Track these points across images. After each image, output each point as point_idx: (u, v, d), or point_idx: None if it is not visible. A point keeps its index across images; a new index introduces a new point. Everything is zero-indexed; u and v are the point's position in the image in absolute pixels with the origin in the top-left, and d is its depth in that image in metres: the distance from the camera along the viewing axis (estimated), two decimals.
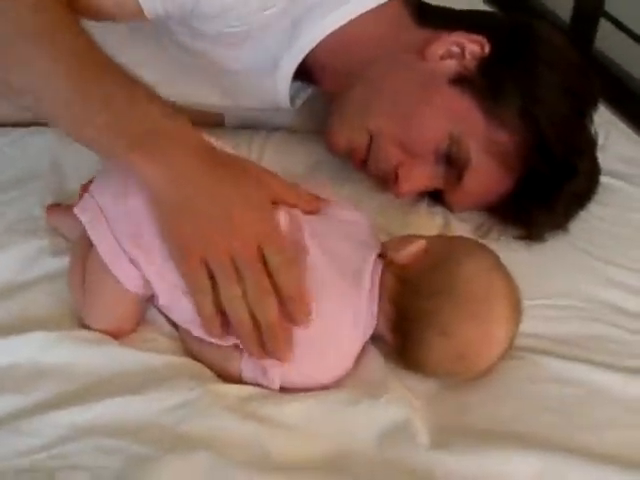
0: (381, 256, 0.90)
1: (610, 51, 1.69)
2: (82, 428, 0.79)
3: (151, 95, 0.85)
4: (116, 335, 0.88)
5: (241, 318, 0.81)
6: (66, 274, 0.93)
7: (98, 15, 0.94)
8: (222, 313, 0.82)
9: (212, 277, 0.81)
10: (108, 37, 0.88)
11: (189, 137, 0.84)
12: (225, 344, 0.85)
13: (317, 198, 0.95)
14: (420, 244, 0.89)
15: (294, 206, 0.91)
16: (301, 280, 0.84)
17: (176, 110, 0.85)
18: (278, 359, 0.83)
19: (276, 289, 0.82)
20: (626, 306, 1.02)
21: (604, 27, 1.71)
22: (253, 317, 0.81)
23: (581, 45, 1.62)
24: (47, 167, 1.11)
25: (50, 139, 1.13)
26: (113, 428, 0.79)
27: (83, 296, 0.89)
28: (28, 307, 0.91)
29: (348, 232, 0.93)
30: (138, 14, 0.95)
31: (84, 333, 0.88)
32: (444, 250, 0.89)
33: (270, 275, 0.82)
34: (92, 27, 0.88)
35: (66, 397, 0.81)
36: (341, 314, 0.86)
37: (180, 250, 0.82)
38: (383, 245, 0.92)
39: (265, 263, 0.82)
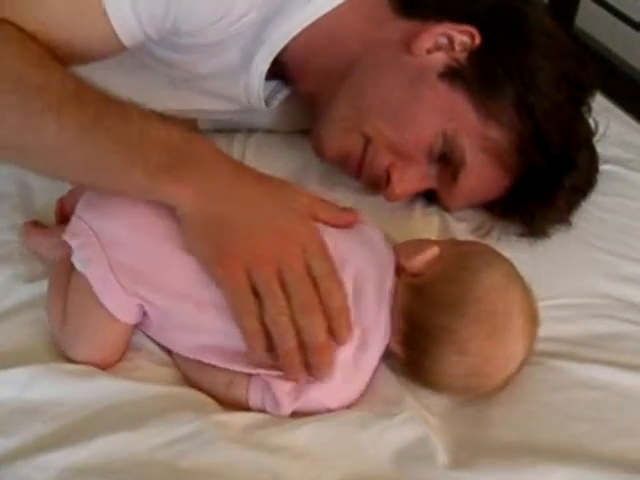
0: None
1: (591, 29, 1.69)
2: (74, 470, 0.75)
3: (169, 129, 0.83)
4: (102, 366, 0.86)
5: (286, 337, 0.79)
6: (45, 301, 0.90)
7: (79, 59, 0.91)
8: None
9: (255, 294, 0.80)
10: None
11: (214, 154, 0.84)
12: (251, 371, 0.82)
13: (349, 211, 0.94)
14: (433, 251, 0.88)
15: (327, 220, 0.89)
16: (346, 297, 0.83)
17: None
18: (320, 379, 0.81)
19: (322, 302, 0.80)
20: None
21: (584, 5, 1.71)
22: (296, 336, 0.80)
23: (562, 24, 1.61)
24: (15, 188, 1.08)
25: None
26: (109, 469, 0.76)
27: (63, 325, 0.86)
28: (5, 339, 0.87)
29: (363, 240, 0.91)
30: (118, 47, 0.92)
31: (69, 365, 0.85)
32: (457, 258, 0.88)
33: (317, 288, 0.80)
34: None
35: (54, 437, 0.78)
36: (362, 332, 0.84)
37: (224, 265, 0.80)
38: (393, 251, 0.90)
39: (312, 276, 0.81)
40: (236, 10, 0.95)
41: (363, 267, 0.87)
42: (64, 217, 0.97)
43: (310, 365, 0.80)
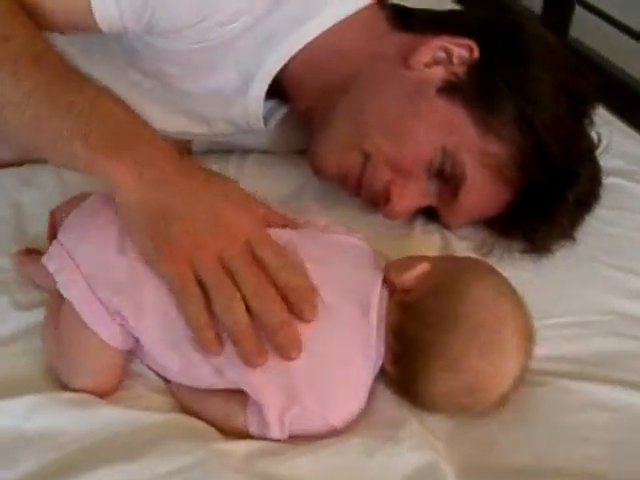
0: (384, 280, 0.88)
1: (586, 38, 1.69)
2: None
3: (116, 102, 0.84)
4: (99, 394, 0.85)
5: (240, 323, 0.78)
6: (41, 329, 0.89)
7: (54, 25, 0.92)
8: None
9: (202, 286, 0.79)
10: None
11: (162, 141, 0.84)
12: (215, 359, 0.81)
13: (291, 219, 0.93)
14: (423, 267, 0.87)
15: (277, 224, 0.89)
16: (304, 271, 0.82)
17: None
18: (289, 359, 0.79)
19: (276, 284, 0.79)
20: None
21: (578, 14, 1.71)
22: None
23: (556, 34, 1.61)
24: (8, 211, 1.08)
25: (9, 182, 1.11)
26: None
27: (59, 353, 0.86)
28: (2, 369, 0.86)
29: (349, 257, 0.91)
30: (92, 25, 0.93)
31: (67, 395, 0.84)
32: (448, 273, 0.87)
33: (265, 273, 0.80)
34: None
35: (54, 468, 0.77)
36: (349, 345, 0.84)
37: (166, 258, 0.79)
38: (384, 269, 0.89)
39: (258, 263, 0.80)
40: (221, 13, 0.95)
41: (343, 280, 0.86)
42: (55, 231, 0.96)
43: (277, 346, 0.79)
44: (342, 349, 0.83)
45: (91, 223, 0.87)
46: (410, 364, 0.84)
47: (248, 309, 0.78)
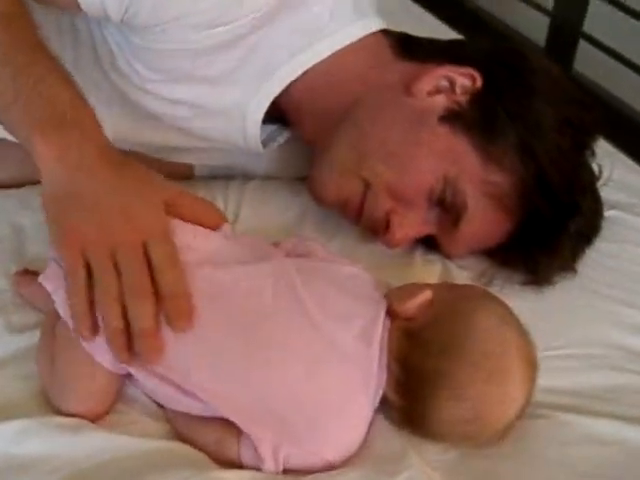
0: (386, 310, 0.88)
1: (590, 72, 1.70)
2: None
3: (66, 82, 0.87)
4: (90, 417, 0.84)
5: (110, 315, 0.78)
6: (35, 352, 0.88)
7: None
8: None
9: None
10: None
11: (98, 132, 0.86)
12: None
13: (221, 215, 0.93)
14: (426, 295, 0.87)
15: (185, 215, 0.88)
16: (184, 280, 0.81)
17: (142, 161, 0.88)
18: (147, 363, 0.80)
19: (156, 289, 0.79)
20: None
21: (582, 48, 1.71)
22: (125, 316, 0.78)
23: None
24: (7, 232, 1.08)
25: (8, 203, 1.11)
26: None
27: (51, 374, 0.85)
28: None
29: (351, 287, 0.90)
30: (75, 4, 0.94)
31: (59, 419, 0.83)
32: (451, 301, 0.87)
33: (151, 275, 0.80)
34: None
35: None
36: (350, 378, 0.83)
37: (62, 238, 0.81)
38: (386, 296, 0.89)
39: (149, 264, 0.80)
40: (199, 16, 0.95)
41: (346, 311, 0.86)
42: None
43: (138, 351, 0.79)
44: (343, 383, 0.83)
45: None
46: (414, 393, 0.83)
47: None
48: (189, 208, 0.89)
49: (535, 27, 1.77)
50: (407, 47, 1.08)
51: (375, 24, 1.07)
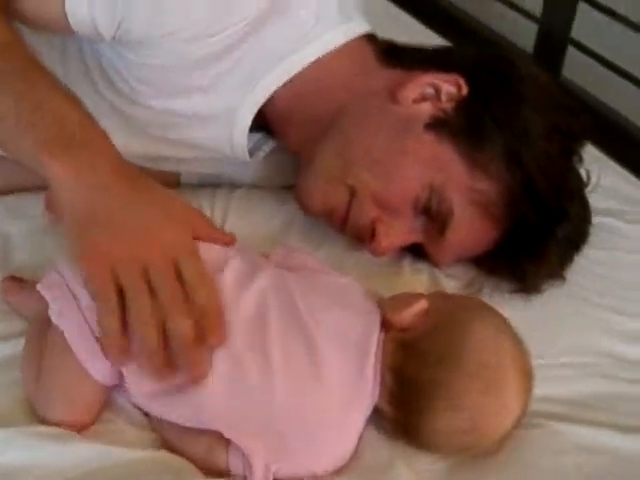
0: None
1: (578, 78, 1.70)
2: None
3: (71, 103, 0.86)
4: (76, 427, 0.84)
5: (149, 335, 0.78)
6: (20, 360, 0.88)
7: (25, 19, 0.94)
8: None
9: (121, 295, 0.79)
10: None
11: (109, 149, 0.85)
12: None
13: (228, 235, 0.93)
14: (421, 304, 0.87)
15: (203, 236, 0.88)
16: (217, 296, 0.81)
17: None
18: (192, 379, 0.79)
19: (190, 303, 0.79)
20: None
21: (571, 54, 1.71)
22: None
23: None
24: None
25: None
26: None
27: (37, 382, 0.85)
28: None
29: (343, 299, 0.90)
30: (62, 21, 0.93)
31: (44, 428, 0.83)
32: (447, 311, 0.87)
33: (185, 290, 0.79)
34: None
35: None
36: (345, 399, 0.83)
37: (87, 259, 0.80)
38: (379, 307, 0.89)
39: (180, 280, 0.80)
40: (190, 29, 0.95)
41: (341, 325, 0.85)
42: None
43: (182, 367, 0.79)
44: (338, 398, 0.82)
45: None
46: (409, 404, 0.83)
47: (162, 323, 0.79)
48: (205, 228, 0.89)
49: (523, 33, 1.77)
50: (392, 54, 1.07)
51: (360, 27, 1.07)
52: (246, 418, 0.81)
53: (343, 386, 0.82)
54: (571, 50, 1.69)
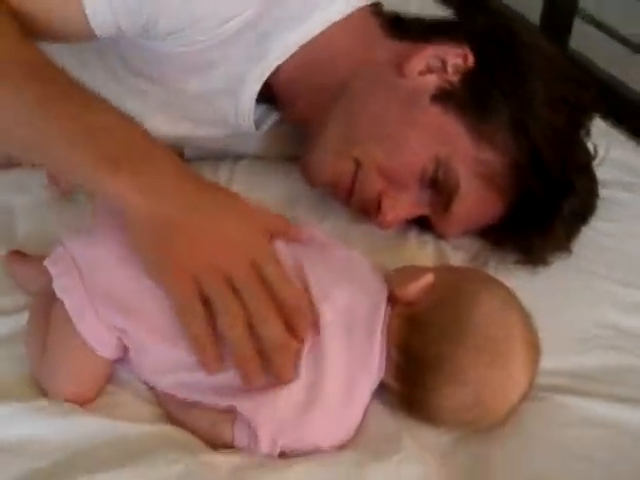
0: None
1: (586, 50, 1.69)
2: None
3: (130, 122, 0.83)
4: (80, 402, 0.84)
5: (243, 342, 0.78)
6: (24, 335, 0.88)
7: (50, 36, 0.92)
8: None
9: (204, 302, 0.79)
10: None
11: (173, 159, 0.83)
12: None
13: (302, 228, 0.92)
14: (428, 278, 0.86)
15: (283, 234, 0.87)
16: (303, 293, 0.82)
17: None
18: (283, 381, 0.79)
19: (276, 304, 0.79)
20: None
21: (578, 25, 1.71)
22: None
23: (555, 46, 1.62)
24: None
25: None
26: None
27: (42, 357, 0.85)
28: None
29: (350, 273, 0.89)
30: (87, 32, 0.92)
31: (47, 403, 0.83)
32: (453, 285, 0.87)
33: (269, 292, 0.79)
34: None
35: (37, 476, 0.76)
36: (353, 373, 0.82)
37: (170, 273, 0.79)
38: (386, 281, 0.88)
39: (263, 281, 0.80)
40: (215, 15, 0.95)
41: (349, 300, 0.85)
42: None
43: (272, 368, 0.79)
44: (346, 375, 0.82)
45: (102, 235, 0.86)
46: (415, 378, 0.83)
47: (251, 327, 0.79)
48: (280, 225, 0.88)
49: (529, 4, 1.76)
50: (397, 26, 1.07)
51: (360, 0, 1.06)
52: (255, 392, 0.80)
53: (350, 362, 0.82)
54: (578, 21, 1.69)
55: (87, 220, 0.93)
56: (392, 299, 0.86)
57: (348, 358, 0.82)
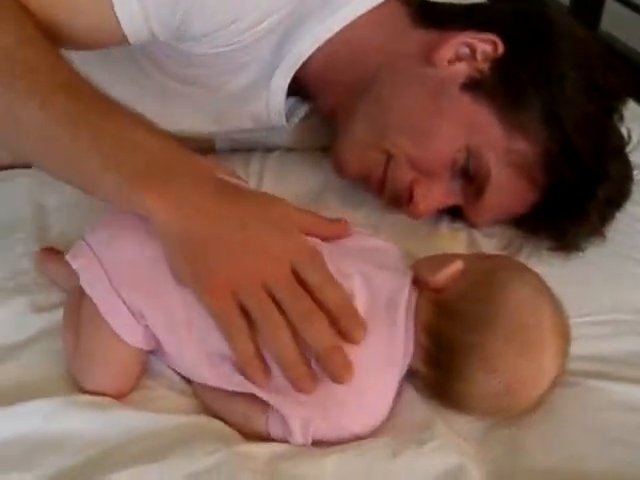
0: (414, 280, 0.87)
1: (618, 32, 1.67)
2: None
3: (157, 134, 0.82)
4: (116, 395, 0.85)
5: (287, 350, 0.77)
6: (61, 330, 0.89)
7: (78, 44, 0.92)
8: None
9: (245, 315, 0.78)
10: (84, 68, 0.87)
11: (196, 169, 0.82)
12: (258, 393, 0.81)
13: (339, 221, 0.92)
14: (457, 265, 0.86)
15: (315, 232, 0.87)
16: (346, 293, 0.81)
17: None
18: (341, 383, 0.78)
19: (322, 309, 0.78)
20: None
21: (609, 6, 1.69)
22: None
23: (586, 28, 1.60)
24: (30, 212, 1.08)
25: (30, 182, 1.11)
26: None
27: (76, 352, 0.86)
28: (22, 371, 0.87)
29: (375, 259, 0.90)
30: (120, 39, 0.92)
31: (87, 397, 0.84)
32: (483, 272, 0.86)
33: (312, 297, 0.79)
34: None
35: (74, 471, 0.77)
36: (375, 356, 0.83)
37: (209, 290, 0.78)
38: (414, 267, 0.89)
39: (304, 286, 0.79)
40: (252, 15, 0.94)
41: (367, 280, 0.85)
42: None
43: (328, 372, 0.78)
44: (368, 355, 0.82)
45: (120, 226, 0.87)
46: (445, 365, 0.83)
47: (296, 335, 0.78)
48: (313, 222, 0.88)
49: None
50: (426, 14, 1.07)
51: None
52: (277, 379, 0.80)
53: (375, 344, 0.82)
54: (609, 2, 1.67)
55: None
56: (421, 285, 0.86)
57: (373, 341, 0.82)
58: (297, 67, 1.04)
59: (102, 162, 0.79)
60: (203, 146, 1.20)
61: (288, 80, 1.05)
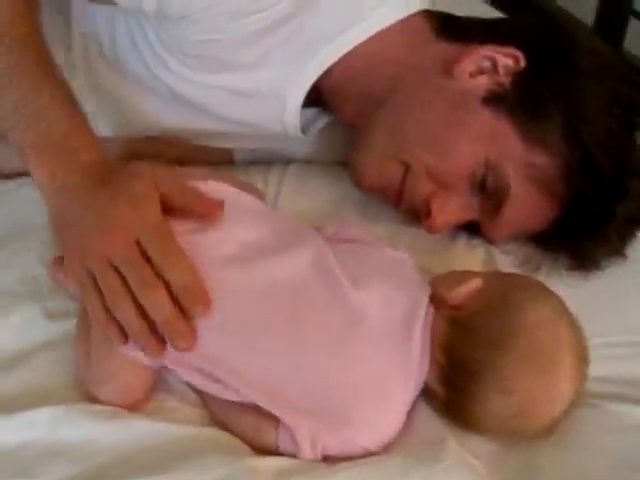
0: (430, 297, 0.86)
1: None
2: None
3: (72, 110, 0.88)
4: (127, 407, 0.84)
5: (128, 315, 0.78)
6: (72, 339, 0.89)
7: None
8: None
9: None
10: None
11: (84, 150, 0.86)
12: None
13: (212, 201, 0.88)
14: (476, 282, 0.85)
15: (183, 209, 0.85)
16: (190, 268, 0.80)
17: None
18: (182, 350, 0.79)
19: (166, 284, 0.79)
20: None
21: (633, 26, 1.68)
22: (145, 316, 0.78)
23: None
24: (43, 220, 1.04)
25: None
26: None
27: (87, 365, 0.85)
28: (32, 378, 0.87)
29: (392, 273, 0.89)
30: None
31: (97, 406, 0.83)
32: (502, 291, 0.85)
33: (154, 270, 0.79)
34: None
35: (82, 478, 0.77)
36: (388, 371, 0.82)
37: (67, 263, 0.85)
38: (432, 283, 0.88)
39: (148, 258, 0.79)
40: (227, 4, 0.93)
41: (384, 294, 0.84)
42: None
43: (169, 340, 0.79)
44: (379, 370, 0.82)
45: None
46: (460, 384, 0.82)
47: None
48: (178, 199, 0.85)
49: (583, 3, 1.74)
50: (448, 27, 1.06)
51: (416, 4, 1.05)
52: (283, 391, 0.80)
53: (384, 358, 0.82)
54: (633, 21, 1.66)
55: None
56: (438, 302, 0.85)
57: (384, 353, 0.81)
58: (313, 80, 1.02)
59: (20, 126, 0.86)
60: (222, 157, 1.20)
61: (303, 93, 1.04)
